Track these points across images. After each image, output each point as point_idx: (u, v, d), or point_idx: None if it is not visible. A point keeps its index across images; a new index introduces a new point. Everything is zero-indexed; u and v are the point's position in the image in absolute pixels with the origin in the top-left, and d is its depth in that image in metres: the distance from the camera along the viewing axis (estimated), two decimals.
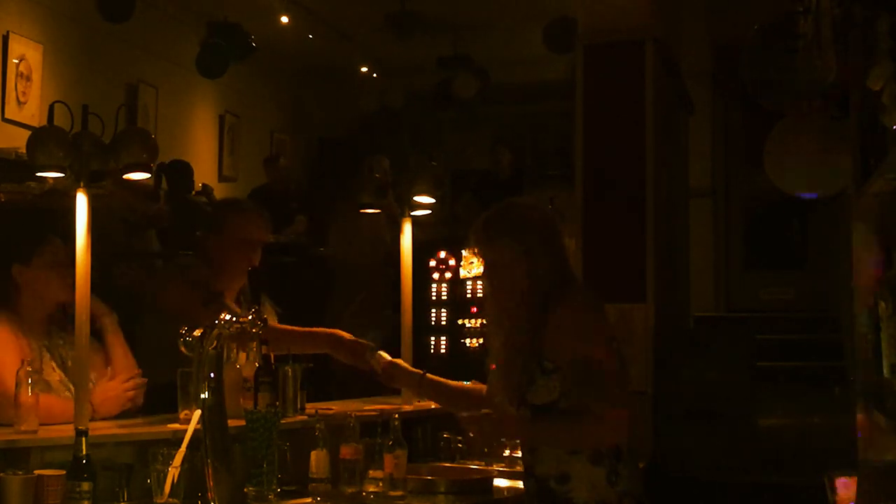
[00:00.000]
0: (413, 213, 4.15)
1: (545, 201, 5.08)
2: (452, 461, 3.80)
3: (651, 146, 5.04)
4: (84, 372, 3.03)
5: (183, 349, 2.90)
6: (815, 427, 6.21)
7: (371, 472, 3.24)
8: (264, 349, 3.13)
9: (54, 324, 3.36)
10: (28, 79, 7.31)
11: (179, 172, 7.98)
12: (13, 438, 2.88)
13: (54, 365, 3.31)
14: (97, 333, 3.36)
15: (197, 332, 2.87)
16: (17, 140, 6.19)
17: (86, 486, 2.65)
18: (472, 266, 6.31)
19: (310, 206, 9.31)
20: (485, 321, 3.33)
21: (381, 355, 3.63)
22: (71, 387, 3.23)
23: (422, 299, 6.23)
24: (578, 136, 5.17)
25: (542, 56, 8.79)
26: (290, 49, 9.63)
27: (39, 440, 2.89)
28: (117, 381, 3.35)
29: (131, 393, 3.35)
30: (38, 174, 3.05)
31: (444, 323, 6.55)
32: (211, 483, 2.82)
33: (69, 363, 3.31)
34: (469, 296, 6.44)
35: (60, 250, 3.28)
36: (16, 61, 7.18)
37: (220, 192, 9.16)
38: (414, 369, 3.64)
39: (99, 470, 2.72)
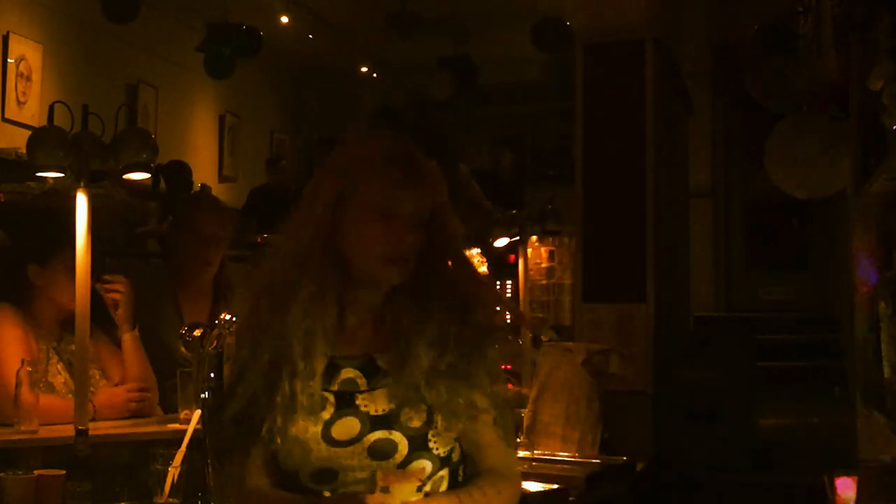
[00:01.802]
0: None
1: (545, 201, 5.07)
2: None
3: (651, 146, 5.03)
4: (84, 371, 3.03)
5: (183, 349, 2.89)
6: (815, 427, 6.22)
7: None
8: None
9: (66, 327, 3.31)
10: (28, 79, 7.31)
11: (178, 173, 7.97)
12: (13, 438, 2.88)
13: (60, 367, 3.29)
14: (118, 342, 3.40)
15: (197, 333, 2.87)
16: (17, 140, 6.19)
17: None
18: (476, 265, 6.31)
19: None
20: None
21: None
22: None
23: None
24: (578, 136, 5.17)
25: (543, 56, 8.79)
26: (290, 49, 9.64)
27: (39, 440, 2.89)
28: (123, 388, 3.35)
29: (133, 405, 3.34)
30: (38, 174, 3.04)
31: None
32: (211, 483, 2.82)
33: None
34: None
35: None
36: (15, 61, 7.18)
37: (220, 192, 9.15)
38: None
39: (99, 470, 2.71)
